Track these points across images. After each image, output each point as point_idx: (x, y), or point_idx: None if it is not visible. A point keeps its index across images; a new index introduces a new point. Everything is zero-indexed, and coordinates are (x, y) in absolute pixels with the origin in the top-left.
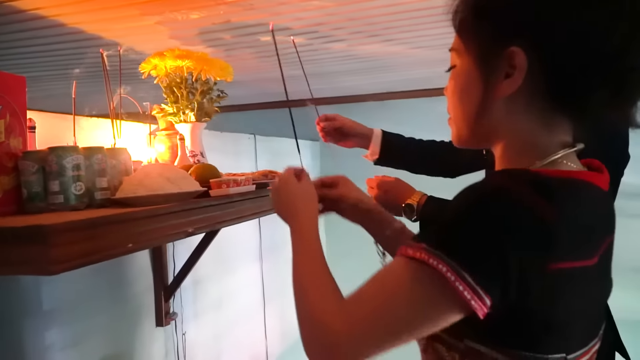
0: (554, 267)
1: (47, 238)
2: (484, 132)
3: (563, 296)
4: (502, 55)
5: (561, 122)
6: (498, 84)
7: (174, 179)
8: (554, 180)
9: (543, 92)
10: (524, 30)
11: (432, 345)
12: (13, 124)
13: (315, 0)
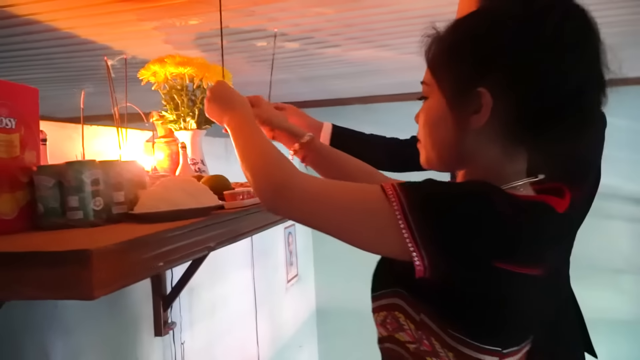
0: (502, 266)
1: (90, 262)
2: (452, 160)
3: (506, 296)
4: (471, 94)
5: (521, 153)
6: (466, 119)
7: (194, 193)
8: (522, 200)
9: (506, 128)
10: (491, 74)
11: (392, 314)
12: (27, 137)
13: (316, 7)
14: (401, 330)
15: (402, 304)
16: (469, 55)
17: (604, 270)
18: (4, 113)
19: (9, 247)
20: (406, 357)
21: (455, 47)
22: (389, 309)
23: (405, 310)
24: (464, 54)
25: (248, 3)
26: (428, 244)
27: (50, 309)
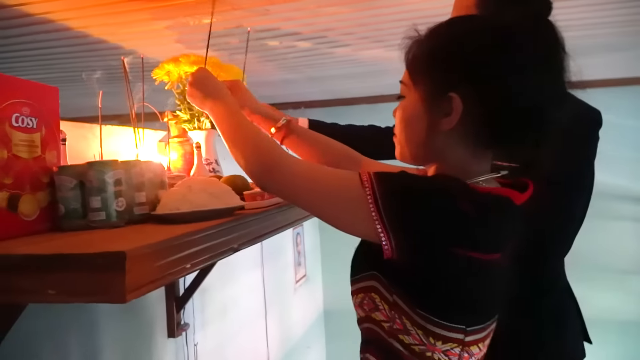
0: (460, 252)
1: (124, 265)
2: (423, 156)
3: (465, 279)
4: (444, 98)
5: (487, 154)
6: (438, 121)
7: (217, 194)
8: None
9: (474, 131)
10: (463, 81)
11: (369, 295)
12: (48, 137)
13: (331, 6)
14: (377, 310)
15: (377, 286)
16: (445, 62)
17: (611, 271)
18: (25, 112)
19: (37, 249)
20: (382, 335)
21: (433, 53)
22: (366, 290)
23: (380, 291)
24: (440, 60)
25: (263, 2)
26: (394, 228)
27: (67, 310)
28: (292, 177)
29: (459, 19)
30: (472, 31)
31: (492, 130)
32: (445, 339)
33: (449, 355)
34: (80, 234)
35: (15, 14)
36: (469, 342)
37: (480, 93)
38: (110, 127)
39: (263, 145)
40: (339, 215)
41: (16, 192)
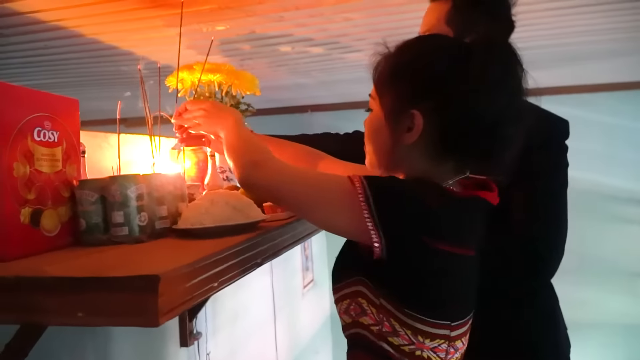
0: (438, 246)
1: (157, 288)
2: (389, 166)
3: (449, 274)
4: (406, 114)
5: (447, 163)
6: (401, 135)
7: (240, 207)
8: (461, 197)
9: (435, 144)
10: (424, 99)
11: (356, 300)
12: (69, 150)
13: (346, 13)
14: (364, 314)
15: (363, 290)
16: (408, 80)
17: (620, 274)
18: (47, 126)
19: (67, 270)
20: (370, 339)
21: (397, 70)
22: (352, 296)
23: (367, 295)
24: (404, 78)
25: (278, 9)
26: (386, 226)
27: None
28: (279, 174)
29: (424, 38)
30: (434, 50)
31: (452, 144)
32: (433, 336)
33: (436, 351)
34: (105, 250)
35: (27, 20)
36: (454, 337)
37: (440, 110)
38: (125, 135)
39: (254, 147)
40: (327, 214)
41: (38, 207)
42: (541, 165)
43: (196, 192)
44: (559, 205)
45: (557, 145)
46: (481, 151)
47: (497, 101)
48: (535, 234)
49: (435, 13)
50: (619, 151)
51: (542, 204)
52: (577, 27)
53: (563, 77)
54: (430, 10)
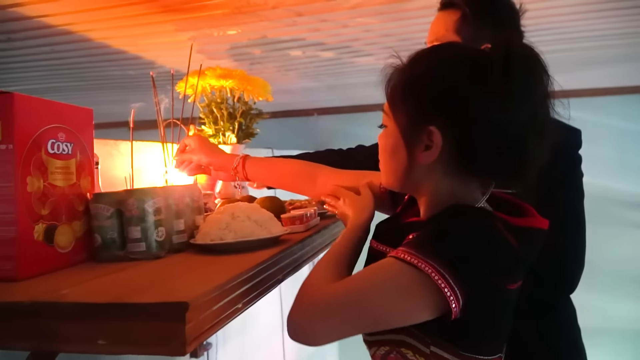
0: (508, 287)
1: (184, 316)
2: (409, 186)
3: (504, 311)
4: (423, 131)
5: (472, 182)
6: (419, 154)
7: (261, 222)
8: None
9: (456, 162)
10: (441, 114)
11: (398, 350)
12: (83, 162)
13: (360, 17)
14: None
15: (409, 340)
16: (423, 94)
17: (631, 280)
18: (61, 138)
19: (87, 294)
20: None
21: (411, 84)
22: (393, 344)
23: (414, 346)
24: (418, 91)
25: (292, 13)
26: (463, 285)
27: None
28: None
29: (438, 48)
30: (449, 60)
31: (475, 161)
32: None
33: None
34: (123, 268)
35: (36, 25)
36: None
37: (460, 126)
38: (136, 142)
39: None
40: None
41: (52, 223)
42: (557, 177)
43: (209, 201)
44: (578, 217)
45: (572, 156)
46: (507, 168)
47: (520, 113)
48: (557, 247)
49: (443, 22)
50: (630, 156)
51: (561, 217)
52: (588, 31)
53: (574, 81)
54: (438, 19)
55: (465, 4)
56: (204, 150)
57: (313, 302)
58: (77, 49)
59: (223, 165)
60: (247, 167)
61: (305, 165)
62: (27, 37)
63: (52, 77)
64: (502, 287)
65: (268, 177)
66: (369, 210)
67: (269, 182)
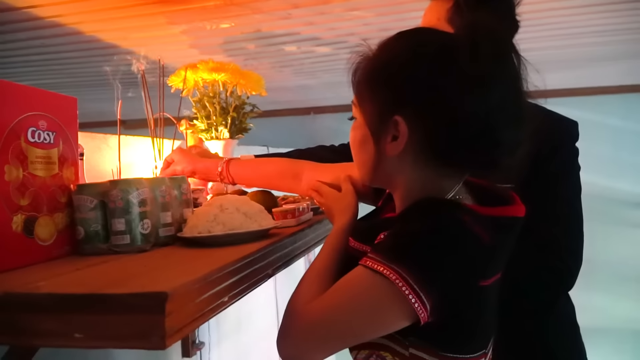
0: (481, 284)
1: (164, 307)
2: (381, 179)
3: (484, 307)
4: (389, 121)
5: (446, 173)
6: (386, 145)
7: (251, 214)
8: (483, 215)
9: (426, 152)
10: (406, 104)
11: (378, 354)
12: (66, 152)
13: (356, 10)
14: None
15: (387, 343)
16: (388, 83)
17: (629, 279)
18: (42, 126)
19: (63, 286)
20: None
21: (375, 73)
22: (373, 347)
23: (392, 348)
24: (383, 80)
25: (286, 5)
26: (428, 292)
27: None
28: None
29: (403, 35)
30: (413, 47)
31: (443, 151)
32: None
33: None
34: (105, 261)
35: (24, 16)
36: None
37: (425, 114)
38: (126, 137)
39: None
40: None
41: (32, 214)
42: (555, 170)
43: (200, 197)
44: (576, 211)
45: (569, 149)
46: (478, 156)
47: (488, 100)
48: (555, 243)
49: (436, 11)
50: (628, 155)
51: (560, 211)
52: (586, 27)
53: (572, 79)
54: (431, 9)
55: None
56: (187, 160)
57: (296, 324)
58: (67, 42)
59: (208, 171)
60: (232, 170)
61: (289, 163)
62: (16, 30)
63: (43, 72)
64: (473, 285)
65: (253, 178)
66: (350, 210)
67: (255, 183)
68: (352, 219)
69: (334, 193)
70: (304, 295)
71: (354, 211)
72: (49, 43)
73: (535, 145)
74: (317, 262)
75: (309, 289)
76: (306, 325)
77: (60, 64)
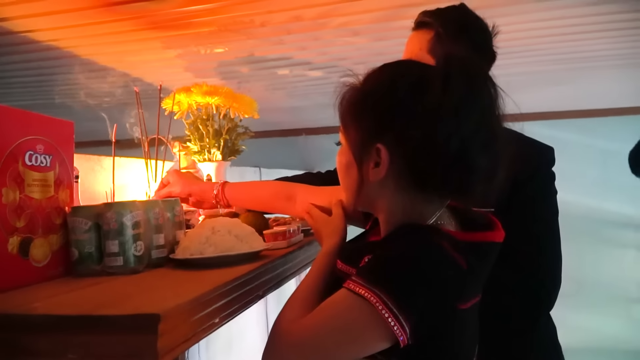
0: (460, 307)
1: (157, 327)
2: (364, 203)
3: (461, 330)
4: (372, 148)
5: (427, 199)
6: (369, 171)
7: (242, 236)
8: (461, 240)
9: (406, 178)
10: (388, 131)
11: None
12: (62, 175)
13: (347, 37)
14: None
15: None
16: (370, 112)
17: (617, 299)
18: (40, 150)
19: (58, 307)
20: None
21: (359, 102)
22: None
23: None
24: (366, 109)
25: (280, 31)
26: (407, 314)
27: None
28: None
29: (386, 66)
30: (394, 78)
31: (421, 177)
32: None
33: None
34: (98, 282)
35: (21, 40)
36: None
37: (403, 142)
38: (119, 158)
39: None
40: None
41: (28, 236)
42: (531, 195)
43: (193, 219)
44: (553, 233)
45: (545, 174)
46: (454, 182)
47: (460, 128)
48: (534, 264)
49: (418, 41)
50: (616, 176)
51: (538, 233)
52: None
53: (559, 102)
54: (412, 38)
55: (439, 24)
56: (183, 182)
57: (280, 341)
58: (63, 65)
59: (203, 194)
60: (227, 193)
61: (283, 186)
62: (12, 52)
63: (37, 93)
64: (451, 308)
65: (248, 200)
66: (338, 234)
67: (250, 205)
68: (340, 242)
69: (323, 217)
70: (290, 314)
71: (341, 235)
72: (45, 65)
73: (512, 170)
74: (304, 283)
75: (295, 308)
76: (290, 343)
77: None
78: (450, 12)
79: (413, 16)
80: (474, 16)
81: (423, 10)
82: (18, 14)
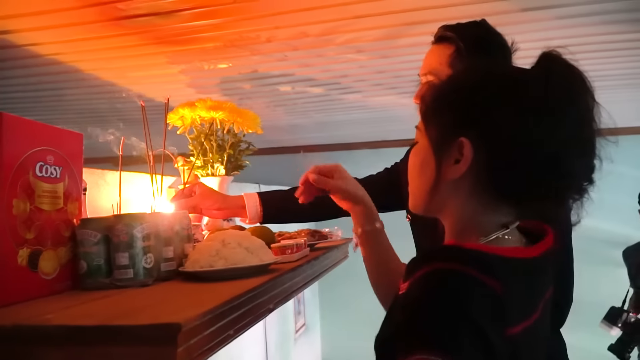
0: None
1: (176, 338)
2: (434, 206)
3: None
4: (454, 143)
5: (501, 206)
6: (447, 168)
7: (253, 249)
8: (494, 257)
9: (485, 181)
10: (473, 125)
11: None
12: (71, 187)
13: (351, 53)
14: None
15: None
16: (456, 105)
17: None
18: (50, 161)
19: (72, 318)
20: None
21: (445, 95)
22: None
23: None
24: (452, 102)
25: (284, 48)
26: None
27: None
28: None
29: (476, 65)
30: (488, 76)
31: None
32: None
33: None
34: (109, 295)
35: (24, 54)
36: None
37: (492, 139)
38: (123, 173)
39: None
40: None
41: (37, 248)
42: None
43: (196, 233)
44: (567, 251)
45: None
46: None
47: (561, 130)
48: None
49: (437, 55)
50: (610, 195)
51: None
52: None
53: None
54: (432, 52)
55: (460, 39)
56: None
57: None
58: (66, 80)
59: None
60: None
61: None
62: (15, 67)
63: (40, 109)
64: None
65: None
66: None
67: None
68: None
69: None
70: None
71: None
72: (48, 80)
73: None
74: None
75: None
76: None
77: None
78: (472, 28)
79: (416, 34)
80: (494, 32)
81: (443, 25)
82: (22, 27)
